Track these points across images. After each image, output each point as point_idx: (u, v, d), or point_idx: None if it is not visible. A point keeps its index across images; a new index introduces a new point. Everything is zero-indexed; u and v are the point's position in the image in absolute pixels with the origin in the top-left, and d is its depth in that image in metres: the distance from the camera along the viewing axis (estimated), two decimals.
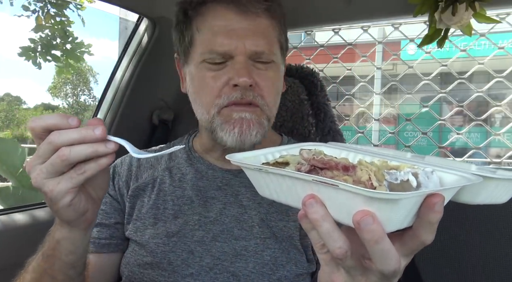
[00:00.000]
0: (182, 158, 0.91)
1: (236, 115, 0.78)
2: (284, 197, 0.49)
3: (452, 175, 0.48)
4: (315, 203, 0.43)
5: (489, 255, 1.13)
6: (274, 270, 0.77)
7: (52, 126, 0.55)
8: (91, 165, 0.55)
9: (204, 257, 0.79)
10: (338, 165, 0.45)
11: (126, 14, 1.47)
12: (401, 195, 0.38)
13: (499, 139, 1.44)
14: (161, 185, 0.88)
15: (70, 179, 0.55)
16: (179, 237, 0.82)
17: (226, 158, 0.54)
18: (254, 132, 0.78)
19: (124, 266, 0.85)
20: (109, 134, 0.56)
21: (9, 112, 11.14)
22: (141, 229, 0.85)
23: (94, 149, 0.54)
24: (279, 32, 0.84)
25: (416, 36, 1.54)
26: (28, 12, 2.36)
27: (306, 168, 0.48)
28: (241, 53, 0.77)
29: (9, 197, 2.80)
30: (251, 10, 0.78)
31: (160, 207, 0.86)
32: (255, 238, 0.80)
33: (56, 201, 0.56)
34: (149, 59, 1.39)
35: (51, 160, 0.54)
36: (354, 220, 0.40)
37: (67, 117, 0.55)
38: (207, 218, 0.83)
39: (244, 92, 0.77)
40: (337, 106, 1.62)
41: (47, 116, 0.56)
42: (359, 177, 0.43)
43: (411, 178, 0.43)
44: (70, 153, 0.53)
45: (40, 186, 0.55)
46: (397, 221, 0.41)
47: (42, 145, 0.55)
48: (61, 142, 0.54)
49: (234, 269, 0.78)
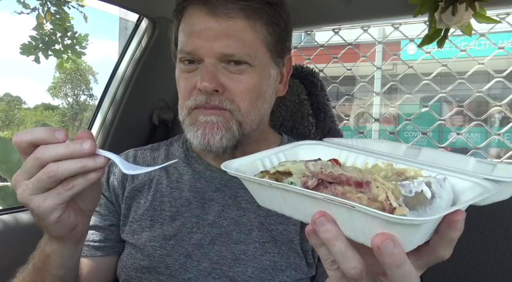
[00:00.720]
0: (179, 157, 0.90)
1: (202, 118, 0.76)
2: (288, 210, 0.46)
3: (464, 181, 0.46)
4: (326, 222, 0.41)
5: (490, 255, 1.12)
6: (273, 275, 0.76)
7: (38, 141, 0.53)
8: (79, 180, 0.54)
9: (202, 261, 0.78)
10: (349, 180, 0.42)
11: (126, 14, 1.47)
12: (426, 220, 0.36)
13: (499, 140, 1.44)
14: (157, 185, 0.86)
15: (57, 195, 0.53)
16: (176, 240, 0.80)
17: (221, 167, 0.52)
18: (219, 137, 0.76)
19: (121, 269, 0.84)
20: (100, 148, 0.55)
21: (9, 112, 11.14)
22: (137, 231, 0.83)
23: (83, 164, 0.53)
24: (265, 34, 0.79)
25: (416, 36, 1.54)
26: (28, 10, 2.36)
27: (313, 182, 0.44)
28: (208, 56, 0.75)
29: (9, 197, 2.80)
30: (222, 11, 0.74)
31: (157, 209, 0.84)
32: (254, 241, 0.78)
33: (44, 217, 0.54)
34: (149, 59, 1.39)
35: (37, 176, 0.52)
36: (373, 244, 0.38)
37: (54, 131, 0.53)
38: (205, 220, 0.81)
39: (209, 97, 0.75)
40: (337, 106, 1.62)
41: (33, 130, 0.54)
42: (375, 195, 0.40)
43: (425, 188, 0.41)
44: (58, 169, 0.52)
45: (27, 202, 0.53)
46: (417, 241, 0.40)
47: (28, 160, 0.53)
48: (48, 157, 0.52)
49: (232, 274, 0.76)
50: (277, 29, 0.81)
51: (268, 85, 0.82)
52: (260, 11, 0.77)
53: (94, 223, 0.86)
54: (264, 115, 0.84)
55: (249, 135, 0.81)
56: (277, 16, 0.80)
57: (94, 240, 0.85)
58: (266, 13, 0.78)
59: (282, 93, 0.89)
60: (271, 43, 0.80)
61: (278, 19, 0.80)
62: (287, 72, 0.88)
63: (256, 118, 0.81)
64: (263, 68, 0.80)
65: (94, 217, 0.87)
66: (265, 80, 0.80)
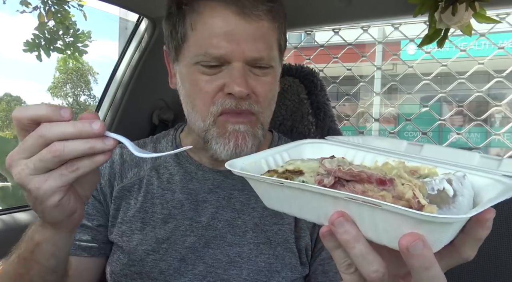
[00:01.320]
0: (169, 156, 0.86)
1: (230, 127, 0.74)
2: (299, 211, 0.44)
3: (483, 178, 0.44)
4: (345, 222, 0.39)
5: (491, 254, 1.12)
6: (269, 276, 0.75)
7: (42, 118, 0.49)
8: (85, 162, 0.50)
9: (197, 265, 0.76)
10: (371, 177, 0.39)
11: (126, 14, 1.47)
12: (461, 218, 0.35)
13: (499, 139, 1.44)
14: (148, 186, 0.83)
15: (60, 176, 0.49)
16: (170, 243, 0.78)
17: (225, 166, 0.49)
18: (250, 145, 0.74)
19: (109, 275, 0.80)
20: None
21: (9, 112, 11.13)
22: (127, 233, 0.81)
23: (91, 145, 0.49)
24: (279, 34, 0.79)
25: (416, 36, 1.54)
26: (29, 8, 2.37)
27: (330, 180, 0.41)
28: (239, 59, 0.71)
29: (9, 197, 2.80)
30: (253, 12, 0.71)
31: (148, 211, 0.81)
32: (248, 243, 0.77)
33: (43, 200, 0.50)
34: (149, 59, 1.39)
35: (40, 154, 0.48)
36: (401, 245, 0.35)
37: (59, 109, 0.49)
38: (198, 223, 0.79)
39: (239, 101, 0.72)
40: (337, 106, 1.62)
41: (36, 106, 0.50)
42: (401, 193, 0.38)
43: (447, 186, 0.40)
44: (64, 148, 0.48)
45: (25, 182, 0.49)
46: (445, 241, 0.38)
47: (29, 138, 0.49)
48: (54, 136, 0.48)
49: (228, 277, 0.75)
50: (283, 29, 0.81)
51: (277, 84, 0.83)
52: (279, 13, 0.77)
53: (82, 222, 0.81)
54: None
55: None
56: (285, 16, 0.81)
57: (80, 239, 0.81)
58: (282, 14, 0.79)
59: (278, 90, 0.89)
60: (281, 43, 0.81)
61: (285, 19, 0.81)
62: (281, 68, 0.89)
63: (270, 117, 0.81)
64: (277, 68, 0.80)
65: None
66: (277, 80, 0.81)
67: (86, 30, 2.73)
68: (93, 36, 2.73)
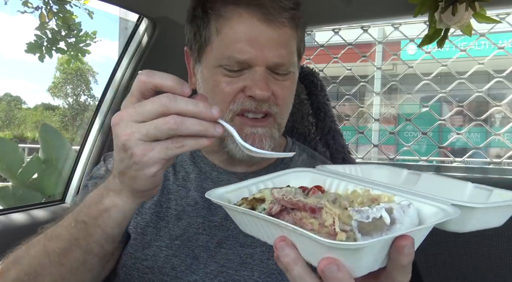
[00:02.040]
0: (185, 155, 0.89)
1: (248, 130, 0.76)
2: (261, 236, 0.48)
3: (431, 207, 0.46)
4: (285, 246, 0.42)
5: (491, 253, 1.12)
6: (280, 279, 0.75)
7: (167, 88, 0.50)
8: (190, 141, 0.51)
9: (209, 264, 0.77)
10: (305, 206, 0.45)
11: (126, 14, 1.47)
12: (357, 245, 0.37)
13: (499, 140, 1.44)
14: (165, 181, 0.86)
15: (165, 149, 0.50)
16: (183, 240, 0.79)
17: (205, 195, 0.53)
18: (267, 146, 0.77)
19: (120, 268, 0.81)
20: None
21: (9, 113, 11.13)
22: (141, 225, 0.82)
23: (205, 127, 0.50)
24: (299, 40, 0.82)
25: (416, 36, 1.55)
26: (30, 9, 2.38)
27: (277, 208, 0.47)
28: (261, 64, 0.74)
29: (9, 197, 2.79)
30: (278, 19, 0.74)
31: (163, 205, 0.83)
32: (261, 245, 0.78)
33: (142, 167, 0.50)
34: (149, 59, 1.39)
35: (157, 123, 0.49)
36: (318, 268, 0.39)
37: (182, 84, 0.51)
38: (211, 222, 0.81)
39: (260, 103, 0.75)
40: (337, 106, 1.62)
41: (162, 74, 0.51)
42: (324, 220, 0.42)
43: (384, 214, 0.42)
44: (182, 124, 0.49)
45: (131, 145, 0.50)
46: (365, 265, 0.40)
47: (149, 103, 0.49)
48: (176, 109, 0.49)
49: (239, 278, 0.76)
50: (302, 35, 0.84)
51: (295, 88, 0.85)
52: (300, 20, 0.80)
53: None
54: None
55: None
56: (304, 23, 0.83)
57: None
58: (302, 21, 0.81)
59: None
60: (299, 49, 0.83)
61: (304, 26, 0.84)
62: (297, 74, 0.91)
63: (286, 118, 0.84)
64: (296, 72, 0.83)
65: None
66: (295, 84, 0.84)
67: (88, 30, 2.73)
68: (96, 36, 2.73)
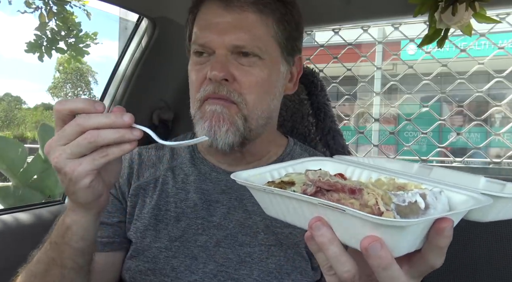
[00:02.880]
0: (185, 158, 0.89)
1: (208, 107, 0.77)
2: (291, 218, 0.49)
3: (460, 195, 0.47)
4: (321, 226, 0.43)
5: (491, 253, 1.13)
6: (279, 278, 0.76)
7: (79, 110, 0.57)
8: (114, 149, 0.57)
9: (208, 263, 0.78)
10: (344, 187, 0.45)
11: (126, 14, 1.47)
12: (409, 222, 0.38)
13: (499, 139, 1.44)
14: (163, 185, 0.86)
15: (92, 161, 0.56)
16: (182, 241, 0.80)
17: (231, 177, 0.54)
18: (224, 129, 0.76)
19: (125, 271, 0.83)
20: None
21: (9, 113, 11.13)
22: (141, 229, 0.83)
23: (121, 134, 0.56)
24: (276, 30, 0.80)
25: (416, 36, 1.54)
26: (30, 9, 2.38)
27: (312, 189, 0.47)
28: (220, 47, 0.76)
29: (9, 197, 2.80)
30: (236, 4, 0.77)
31: (161, 209, 0.84)
32: (259, 244, 0.78)
33: (76, 181, 0.56)
34: (149, 59, 1.39)
35: (77, 141, 0.55)
36: (361, 246, 0.39)
37: (94, 102, 0.57)
38: (210, 222, 0.81)
39: (217, 86, 0.76)
40: (337, 106, 1.62)
41: (73, 100, 0.58)
42: (366, 200, 0.43)
43: (419, 199, 0.43)
44: (98, 136, 0.55)
45: (62, 166, 0.56)
46: (405, 246, 0.41)
47: (68, 127, 0.56)
48: (90, 125, 0.55)
49: (238, 277, 0.76)
50: (288, 27, 0.82)
51: (277, 80, 0.83)
52: (272, 7, 0.79)
53: (102, 219, 0.85)
54: (272, 112, 0.84)
55: (257, 132, 0.81)
56: (289, 14, 0.82)
57: (102, 236, 0.84)
58: (278, 10, 0.80)
59: (291, 92, 0.90)
60: (282, 40, 0.82)
61: (290, 17, 0.82)
62: (297, 72, 0.90)
63: (264, 113, 0.81)
64: (273, 63, 0.81)
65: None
66: (274, 75, 0.81)
67: (88, 30, 2.73)
68: (97, 37, 2.73)
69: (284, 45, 0.82)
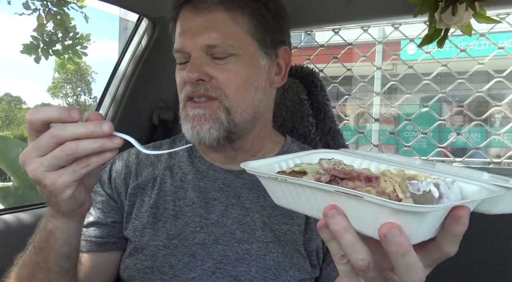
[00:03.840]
0: (183, 156, 0.90)
1: (190, 111, 0.79)
2: (302, 206, 0.48)
3: (472, 185, 0.47)
4: (337, 214, 0.43)
5: (491, 253, 1.13)
6: (277, 275, 0.76)
7: (54, 119, 0.54)
8: (94, 159, 0.55)
9: (206, 261, 0.78)
10: (360, 175, 0.45)
11: (126, 14, 1.47)
12: (430, 208, 0.38)
13: (499, 140, 1.44)
14: (161, 184, 0.87)
15: (72, 172, 0.54)
16: (180, 239, 0.81)
17: (240, 166, 0.53)
18: (206, 127, 0.77)
19: (124, 270, 0.84)
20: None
21: (9, 113, 11.13)
22: (139, 228, 0.84)
23: (101, 144, 0.54)
24: (248, 24, 0.80)
25: (416, 36, 1.54)
26: (29, 10, 2.38)
27: (326, 178, 0.47)
28: (194, 50, 0.78)
29: (10, 197, 2.80)
30: (203, 6, 0.78)
31: (160, 207, 0.85)
32: (257, 241, 0.79)
33: (58, 193, 0.55)
34: (149, 59, 1.39)
35: (54, 153, 0.53)
36: (380, 232, 0.39)
37: (69, 110, 0.54)
38: (208, 220, 0.82)
39: (195, 86, 0.78)
40: (337, 106, 1.62)
41: (46, 108, 0.54)
42: (383, 188, 0.43)
43: (433, 188, 0.43)
44: (77, 147, 0.53)
45: (41, 178, 0.54)
46: (422, 233, 0.41)
47: (43, 138, 0.53)
48: (68, 136, 0.53)
49: (236, 273, 0.77)
50: (263, 20, 0.82)
51: (257, 74, 0.82)
52: (240, 3, 0.80)
53: (96, 219, 0.86)
54: (259, 107, 0.83)
55: (243, 126, 0.81)
56: (262, 7, 0.82)
57: (96, 236, 0.85)
58: (248, 5, 0.80)
59: (279, 85, 0.88)
60: (257, 34, 0.81)
61: (263, 11, 0.82)
62: (285, 63, 0.88)
63: (248, 108, 0.81)
64: (251, 57, 0.81)
65: (96, 213, 0.87)
66: (253, 70, 0.81)
67: (85, 32, 2.74)
68: (93, 36, 2.73)
69: (261, 39, 0.82)
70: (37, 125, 0.54)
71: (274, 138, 0.93)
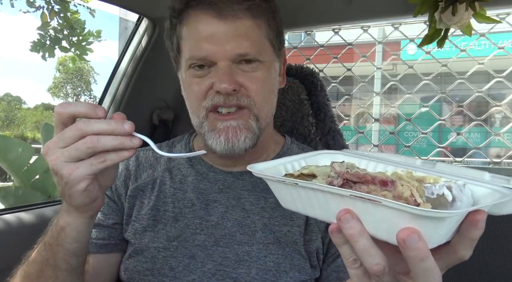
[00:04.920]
0: (182, 158, 0.90)
1: (220, 124, 0.77)
2: (312, 210, 0.47)
3: (483, 188, 0.47)
4: (351, 218, 0.42)
5: (491, 253, 1.13)
6: (277, 276, 0.76)
7: (81, 114, 0.57)
8: (112, 155, 0.57)
9: (206, 263, 0.78)
10: (375, 179, 0.44)
11: (126, 14, 1.47)
12: (450, 213, 0.38)
13: (499, 139, 1.44)
14: (161, 186, 0.87)
15: (90, 166, 0.57)
16: (180, 241, 0.81)
17: (247, 168, 0.53)
18: (243, 138, 0.77)
19: (124, 272, 0.84)
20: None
21: (9, 113, 11.14)
22: (139, 230, 0.84)
23: (121, 141, 0.57)
24: (267, 30, 0.81)
25: (416, 36, 1.55)
26: (32, 8, 2.39)
27: (339, 181, 0.46)
28: (223, 58, 0.76)
29: (10, 197, 2.80)
30: (230, 13, 0.75)
31: (160, 209, 0.84)
32: (257, 243, 0.79)
33: (72, 185, 0.57)
34: (149, 59, 1.39)
35: (76, 145, 0.56)
36: (399, 237, 0.39)
37: (95, 107, 0.57)
38: (208, 222, 0.81)
39: (227, 97, 0.76)
40: (337, 106, 1.62)
41: (76, 103, 0.58)
42: (400, 192, 0.42)
43: (446, 191, 0.43)
44: (98, 142, 0.55)
45: (58, 168, 0.56)
46: (439, 237, 0.41)
47: (68, 130, 0.56)
48: (91, 131, 0.56)
49: (236, 275, 0.77)
50: (276, 24, 0.83)
51: (274, 78, 0.84)
52: (262, 9, 0.80)
53: (97, 221, 0.86)
54: (274, 109, 0.86)
55: (264, 131, 0.82)
56: (275, 11, 0.83)
57: (97, 238, 0.85)
58: (267, 10, 0.81)
59: (283, 85, 0.91)
60: (273, 38, 0.83)
61: (275, 15, 0.83)
62: (283, 64, 0.90)
63: (269, 111, 0.83)
64: (271, 63, 0.82)
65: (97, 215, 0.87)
66: (272, 74, 0.83)
67: (92, 29, 2.74)
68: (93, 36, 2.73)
69: (275, 43, 0.83)
70: (64, 118, 0.57)
71: (275, 138, 0.93)
